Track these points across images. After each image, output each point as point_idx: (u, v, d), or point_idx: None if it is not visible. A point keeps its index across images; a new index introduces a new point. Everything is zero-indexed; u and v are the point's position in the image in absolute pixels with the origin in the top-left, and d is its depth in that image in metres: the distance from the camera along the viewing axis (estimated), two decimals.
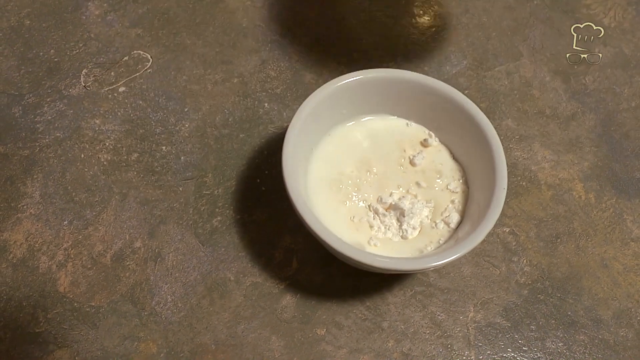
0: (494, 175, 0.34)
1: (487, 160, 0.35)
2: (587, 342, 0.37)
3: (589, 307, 0.38)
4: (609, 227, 0.41)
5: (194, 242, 0.38)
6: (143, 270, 0.37)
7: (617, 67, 0.48)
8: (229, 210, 0.39)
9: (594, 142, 0.44)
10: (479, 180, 0.36)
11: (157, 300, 0.36)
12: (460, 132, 0.37)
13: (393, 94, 0.38)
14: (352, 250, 0.31)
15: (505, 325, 0.37)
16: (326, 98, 0.36)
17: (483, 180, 0.35)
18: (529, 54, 0.48)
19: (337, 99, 0.36)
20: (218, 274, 0.37)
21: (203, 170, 0.41)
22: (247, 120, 0.43)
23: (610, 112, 0.46)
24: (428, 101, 0.37)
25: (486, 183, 0.34)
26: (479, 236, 0.31)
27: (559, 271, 0.39)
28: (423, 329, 0.37)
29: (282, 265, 0.38)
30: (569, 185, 0.42)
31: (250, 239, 0.39)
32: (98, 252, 0.38)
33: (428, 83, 0.37)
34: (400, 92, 0.37)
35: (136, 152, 0.41)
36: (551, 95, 0.46)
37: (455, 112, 0.36)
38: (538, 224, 0.41)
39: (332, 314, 0.37)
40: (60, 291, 0.36)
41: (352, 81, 0.36)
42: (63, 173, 0.40)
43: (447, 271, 0.38)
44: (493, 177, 0.34)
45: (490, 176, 0.34)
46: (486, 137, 0.35)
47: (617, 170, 0.43)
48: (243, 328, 0.36)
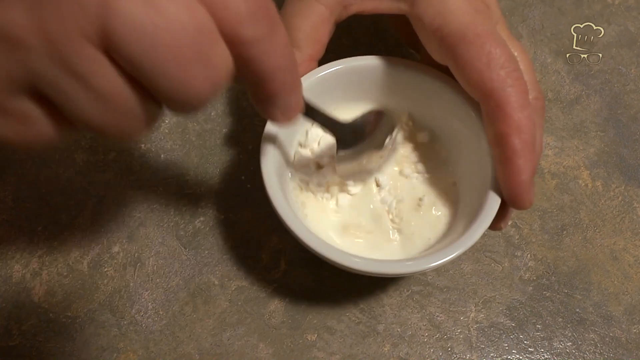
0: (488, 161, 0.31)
1: (477, 144, 0.32)
2: (598, 340, 0.35)
3: (598, 303, 0.36)
4: (618, 217, 0.39)
5: (176, 245, 0.36)
6: (122, 276, 0.35)
7: (623, 46, 0.46)
8: (212, 210, 0.37)
9: (600, 126, 0.42)
10: (468, 169, 0.33)
11: (137, 308, 0.35)
12: (444, 114, 0.34)
13: (375, 81, 0.35)
14: (331, 251, 0.28)
15: (509, 325, 0.35)
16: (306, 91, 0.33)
17: (474, 168, 0.32)
18: (529, 34, 0.46)
19: (319, 91, 0.34)
20: (201, 279, 0.35)
21: (184, 169, 0.39)
22: (230, 113, 0.41)
23: (616, 94, 0.44)
24: (406, 84, 0.35)
25: (477, 171, 0.31)
26: (475, 233, 0.28)
27: (566, 265, 0.37)
28: (421, 332, 0.34)
29: (270, 267, 0.36)
30: (575, 173, 0.40)
31: (236, 240, 0.37)
32: (74, 258, 0.36)
33: (394, 64, 0.34)
34: (380, 79, 0.35)
35: (114, 151, 0.39)
36: (553, 78, 0.44)
37: (435, 92, 0.34)
38: (542, 215, 0.38)
39: (324, 318, 0.35)
40: (34, 301, 0.35)
41: (330, 72, 0.33)
42: (37, 175, 0.38)
43: (446, 269, 0.36)
44: (487, 163, 0.31)
45: (483, 162, 0.31)
46: (472, 115, 0.32)
47: (626, 155, 0.41)
48: (229, 335, 0.34)
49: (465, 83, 0.29)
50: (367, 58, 0.34)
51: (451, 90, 0.32)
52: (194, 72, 0.19)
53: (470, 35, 0.28)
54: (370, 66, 0.34)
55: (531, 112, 0.28)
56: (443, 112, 0.34)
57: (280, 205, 0.29)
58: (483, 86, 0.28)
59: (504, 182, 0.28)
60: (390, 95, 0.35)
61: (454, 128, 0.34)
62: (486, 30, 0.28)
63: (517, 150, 0.28)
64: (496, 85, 0.27)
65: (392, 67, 0.34)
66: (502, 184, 0.29)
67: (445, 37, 0.29)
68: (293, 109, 0.25)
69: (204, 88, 0.19)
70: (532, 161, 0.28)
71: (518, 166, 0.28)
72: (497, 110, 0.28)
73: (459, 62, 0.28)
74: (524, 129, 0.28)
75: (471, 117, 0.32)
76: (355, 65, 0.34)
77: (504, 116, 0.28)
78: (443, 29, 0.29)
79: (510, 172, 0.28)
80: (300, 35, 0.31)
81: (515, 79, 0.28)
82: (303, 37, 0.31)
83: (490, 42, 0.28)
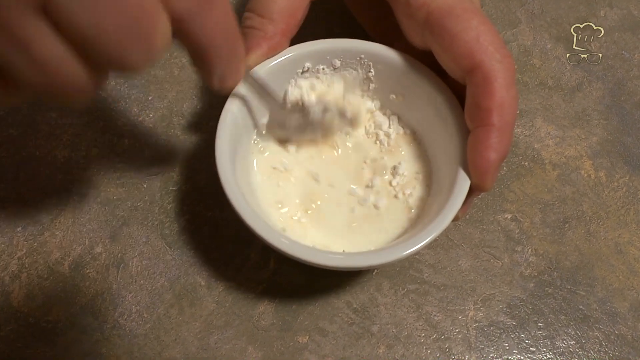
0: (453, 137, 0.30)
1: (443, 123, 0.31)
2: (602, 338, 0.34)
3: (603, 299, 0.35)
4: (623, 209, 0.37)
5: (161, 245, 0.35)
6: (104, 278, 0.34)
7: (626, 30, 0.44)
8: (198, 208, 0.36)
9: (603, 114, 0.41)
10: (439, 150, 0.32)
11: (121, 311, 0.33)
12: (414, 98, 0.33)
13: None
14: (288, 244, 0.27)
15: (509, 324, 0.34)
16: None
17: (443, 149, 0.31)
18: (528, 19, 0.44)
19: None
20: (187, 279, 0.34)
21: (169, 165, 0.37)
22: (217, 106, 0.39)
23: (619, 80, 0.42)
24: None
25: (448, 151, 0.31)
26: (446, 217, 0.27)
27: (568, 260, 0.36)
28: (417, 332, 0.33)
29: (259, 267, 0.34)
30: (577, 163, 0.39)
31: (223, 238, 0.35)
32: (55, 260, 0.34)
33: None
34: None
35: (96, 147, 0.38)
36: (553, 65, 0.42)
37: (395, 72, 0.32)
38: (543, 208, 0.37)
39: (315, 319, 0.33)
40: (13, 305, 0.33)
41: (287, 57, 0.32)
42: (16, 174, 0.37)
43: (443, 265, 0.35)
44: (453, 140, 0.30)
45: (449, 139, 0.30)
46: (435, 95, 0.31)
47: (630, 144, 0.39)
48: (216, 339, 0.33)
49: (451, 58, 0.28)
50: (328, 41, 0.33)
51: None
52: (133, 44, 0.19)
53: (458, 9, 0.28)
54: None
55: (516, 95, 0.28)
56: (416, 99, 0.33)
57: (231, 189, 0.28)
58: (472, 59, 0.27)
59: (474, 158, 0.28)
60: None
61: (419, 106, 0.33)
62: (473, 7, 0.28)
63: (495, 128, 0.27)
64: (485, 59, 0.27)
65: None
66: (471, 161, 0.28)
67: (432, 12, 0.28)
68: (229, 79, 0.27)
69: (142, 59, 0.20)
70: (506, 143, 0.28)
71: (491, 144, 0.27)
72: (484, 83, 0.27)
73: (445, 37, 0.28)
74: (507, 109, 0.27)
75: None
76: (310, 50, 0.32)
77: (489, 90, 0.27)
78: (430, 4, 0.28)
79: (483, 147, 0.27)
80: (275, 7, 0.30)
81: (504, 56, 0.27)
82: (277, 10, 0.30)
83: (478, 18, 0.28)
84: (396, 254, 0.27)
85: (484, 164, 0.27)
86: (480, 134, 0.28)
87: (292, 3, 0.30)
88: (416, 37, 0.30)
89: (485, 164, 0.27)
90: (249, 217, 0.27)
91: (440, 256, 0.35)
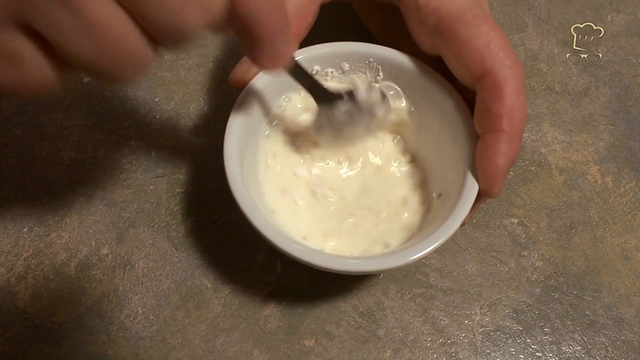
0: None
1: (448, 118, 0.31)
2: (609, 344, 0.34)
3: (609, 305, 0.34)
4: (630, 214, 0.37)
5: (167, 247, 0.35)
6: (111, 280, 0.34)
7: (633, 35, 0.44)
8: (205, 210, 0.36)
9: (610, 119, 0.40)
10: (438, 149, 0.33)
11: (127, 313, 0.33)
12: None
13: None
14: (297, 249, 0.27)
15: (515, 329, 0.34)
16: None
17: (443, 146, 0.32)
18: (535, 24, 0.44)
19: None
20: (194, 282, 0.34)
21: (176, 166, 0.37)
22: (224, 108, 0.39)
23: (626, 85, 0.42)
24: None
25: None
26: (454, 222, 0.27)
27: (575, 265, 0.35)
28: (424, 336, 0.33)
29: (265, 269, 0.34)
30: (583, 168, 0.39)
31: (229, 240, 0.35)
32: (61, 261, 0.34)
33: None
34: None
35: (102, 148, 0.38)
36: (560, 69, 0.42)
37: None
38: (550, 213, 0.37)
39: (322, 322, 0.33)
40: (19, 306, 0.33)
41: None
42: (22, 174, 0.37)
43: (450, 270, 0.35)
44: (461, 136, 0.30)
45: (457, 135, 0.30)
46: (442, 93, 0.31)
47: (636, 149, 0.39)
48: (222, 342, 0.33)
49: (462, 64, 0.28)
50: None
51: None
52: (190, 1, 0.18)
53: (468, 15, 0.28)
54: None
55: (526, 101, 0.28)
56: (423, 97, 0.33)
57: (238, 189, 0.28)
58: (482, 65, 0.27)
59: (483, 164, 0.28)
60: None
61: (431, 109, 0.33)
62: (483, 13, 0.28)
63: (505, 133, 0.27)
64: (496, 64, 0.27)
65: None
66: (480, 167, 0.28)
67: (442, 17, 0.28)
68: (281, 55, 0.24)
69: (198, 19, 0.19)
70: (515, 149, 0.28)
71: (500, 149, 0.27)
72: (494, 89, 0.27)
73: (455, 42, 0.28)
74: (517, 115, 0.27)
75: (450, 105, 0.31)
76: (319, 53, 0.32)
77: (500, 96, 0.27)
78: (440, 9, 0.28)
79: (493, 153, 0.27)
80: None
81: (514, 62, 0.28)
82: (288, 12, 0.30)
83: (488, 24, 0.28)
84: (404, 259, 0.27)
85: (493, 169, 0.27)
86: (489, 140, 0.28)
87: (302, 6, 0.30)
88: (426, 42, 0.30)
89: (495, 169, 0.27)
90: (259, 221, 0.27)
91: (446, 260, 0.35)
